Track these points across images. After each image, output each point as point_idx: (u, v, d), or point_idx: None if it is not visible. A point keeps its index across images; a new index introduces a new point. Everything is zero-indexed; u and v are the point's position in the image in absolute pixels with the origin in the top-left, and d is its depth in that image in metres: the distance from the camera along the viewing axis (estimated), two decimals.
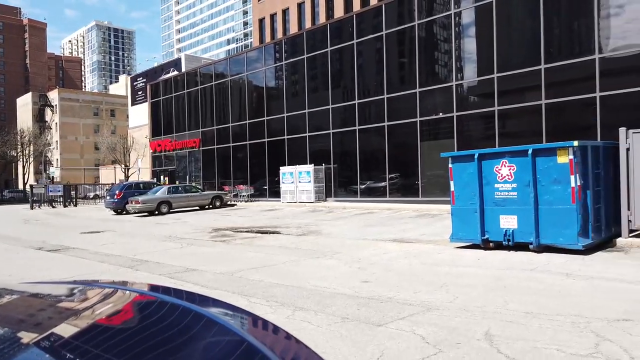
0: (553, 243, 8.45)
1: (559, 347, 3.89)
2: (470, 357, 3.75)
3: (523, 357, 3.70)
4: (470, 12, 19.74)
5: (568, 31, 17.57)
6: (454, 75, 20.08)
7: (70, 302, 1.10)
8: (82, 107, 77.50)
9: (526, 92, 17.98)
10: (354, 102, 23.58)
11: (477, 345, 3.99)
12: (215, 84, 32.25)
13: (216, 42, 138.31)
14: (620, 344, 3.94)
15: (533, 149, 8.62)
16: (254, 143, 28.99)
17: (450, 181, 9.81)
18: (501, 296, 5.61)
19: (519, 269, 7.25)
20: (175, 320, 0.94)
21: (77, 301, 1.11)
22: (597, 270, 6.93)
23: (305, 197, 24.04)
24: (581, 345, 3.93)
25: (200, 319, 0.95)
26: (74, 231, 16.31)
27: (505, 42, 18.75)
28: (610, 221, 9.36)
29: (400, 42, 22.23)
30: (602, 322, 4.52)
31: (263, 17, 41.97)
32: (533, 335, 4.20)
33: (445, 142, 19.65)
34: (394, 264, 8.01)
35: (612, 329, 4.31)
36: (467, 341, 4.10)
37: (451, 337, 4.22)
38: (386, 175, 22.23)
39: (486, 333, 4.30)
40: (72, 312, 1.01)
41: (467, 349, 3.91)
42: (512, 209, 8.91)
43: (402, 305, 5.36)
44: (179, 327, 0.90)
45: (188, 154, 34.47)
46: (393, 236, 11.66)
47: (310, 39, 26.15)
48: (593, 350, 3.81)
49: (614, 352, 3.77)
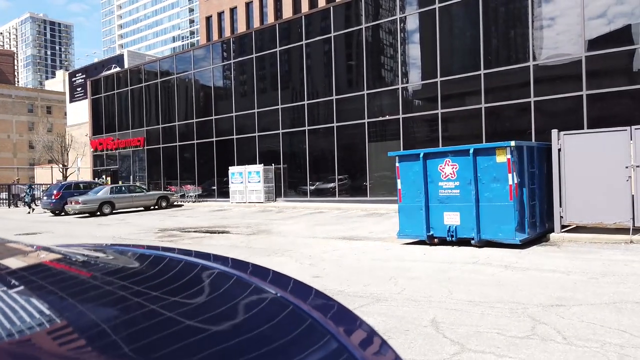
0: (493, 238, 8.91)
1: (499, 331, 4.16)
2: (418, 342, 3.93)
3: (466, 341, 3.93)
4: (414, 18, 20.40)
5: (505, 40, 18.55)
6: (400, 78, 20.67)
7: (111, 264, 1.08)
8: (15, 103, 73.12)
9: (467, 96, 18.80)
10: (303, 102, 23.72)
11: (424, 332, 4.19)
12: (160, 81, 31.41)
13: (161, 39, 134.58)
14: (554, 326, 4.26)
15: (474, 148, 9.07)
16: (202, 142, 28.50)
17: (397, 180, 10.12)
18: (446, 287, 5.89)
19: (462, 262, 7.61)
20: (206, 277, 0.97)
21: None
22: (532, 262, 7.40)
23: (255, 197, 23.92)
24: (519, 329, 4.21)
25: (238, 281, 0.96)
26: (6, 233, 15.40)
27: (448, 48, 19.52)
28: (544, 217, 9.99)
29: (348, 45, 22.61)
30: (537, 308, 4.85)
31: (210, 15, 41.35)
32: (476, 321, 4.45)
33: (392, 143, 20.19)
34: (344, 260, 8.17)
35: (546, 314, 4.64)
36: (415, 328, 4.29)
37: (400, 324, 4.40)
38: (335, 176, 22.52)
39: (432, 320, 4.51)
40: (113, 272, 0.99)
41: (415, 335, 4.10)
42: (455, 206, 9.32)
43: (352, 297, 5.51)
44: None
45: (132, 153, 33.37)
46: (343, 234, 11.86)
47: (258, 38, 26.06)
48: (530, 333, 4.10)
49: (548, 333, 4.07)
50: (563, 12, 16.82)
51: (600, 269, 6.72)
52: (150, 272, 1.04)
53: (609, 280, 5.99)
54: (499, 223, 8.84)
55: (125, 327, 0.70)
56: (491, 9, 18.34)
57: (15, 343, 0.59)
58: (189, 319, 0.75)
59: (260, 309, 0.88)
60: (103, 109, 36.28)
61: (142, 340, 0.65)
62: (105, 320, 0.70)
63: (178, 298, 0.86)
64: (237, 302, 0.89)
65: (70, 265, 1.05)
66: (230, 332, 0.74)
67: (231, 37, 28.91)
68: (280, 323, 0.83)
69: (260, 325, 0.80)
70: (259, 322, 0.82)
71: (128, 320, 0.72)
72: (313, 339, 0.78)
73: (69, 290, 0.83)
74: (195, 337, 0.69)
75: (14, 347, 0.57)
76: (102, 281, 0.91)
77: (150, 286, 0.92)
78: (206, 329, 0.73)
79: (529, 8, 17.26)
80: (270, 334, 0.78)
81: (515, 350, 3.71)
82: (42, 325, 0.67)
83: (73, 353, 0.60)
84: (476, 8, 18.36)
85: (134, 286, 0.89)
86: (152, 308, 0.79)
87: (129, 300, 0.81)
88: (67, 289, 0.83)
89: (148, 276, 0.99)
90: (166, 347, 0.63)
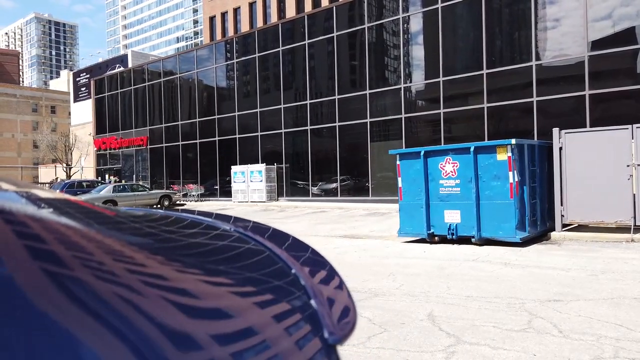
0: (493, 236, 8.90)
1: (495, 324, 4.16)
2: (414, 334, 3.94)
3: (462, 334, 3.93)
4: (417, 17, 20.39)
5: (508, 39, 18.51)
6: (402, 78, 20.66)
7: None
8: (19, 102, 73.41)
9: (470, 96, 18.77)
10: (305, 102, 23.74)
11: (420, 325, 4.19)
12: (163, 80, 31.50)
13: (165, 39, 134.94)
14: (550, 320, 4.26)
15: (475, 146, 9.06)
16: (205, 142, 28.55)
17: (398, 178, 10.12)
18: (444, 283, 5.89)
19: (461, 259, 7.61)
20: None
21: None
22: (532, 260, 7.39)
23: (257, 196, 23.94)
24: (516, 322, 4.21)
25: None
26: None
27: (450, 48, 19.50)
28: (545, 216, 9.97)
29: (351, 44, 22.62)
30: (535, 303, 4.85)
31: (214, 15, 41.44)
32: (472, 315, 4.45)
33: (394, 143, 20.17)
34: (344, 257, 8.18)
35: (543, 308, 4.64)
36: (411, 321, 4.30)
37: (396, 318, 4.41)
38: (337, 176, 22.52)
39: (429, 314, 4.52)
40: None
41: (411, 328, 4.10)
42: (455, 204, 9.31)
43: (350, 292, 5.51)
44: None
45: (135, 153, 33.46)
46: (344, 232, 11.87)
47: (261, 38, 26.10)
48: (526, 326, 4.10)
49: (544, 327, 4.07)
50: (567, 13, 16.78)
51: (600, 266, 6.71)
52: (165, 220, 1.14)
53: (608, 277, 5.98)
54: (499, 221, 8.83)
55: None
56: (494, 9, 18.31)
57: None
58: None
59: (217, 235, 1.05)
60: (107, 109, 36.41)
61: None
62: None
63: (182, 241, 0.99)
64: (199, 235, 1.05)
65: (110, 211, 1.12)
66: (196, 251, 0.90)
67: (234, 37, 28.97)
68: (230, 244, 0.98)
69: (221, 248, 0.97)
70: (218, 249, 0.97)
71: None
72: (260, 259, 0.90)
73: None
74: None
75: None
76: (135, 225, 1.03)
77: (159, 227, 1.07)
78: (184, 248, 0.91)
79: (532, 8, 17.23)
80: (222, 250, 0.95)
81: (510, 342, 3.71)
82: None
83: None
84: (479, 8, 18.33)
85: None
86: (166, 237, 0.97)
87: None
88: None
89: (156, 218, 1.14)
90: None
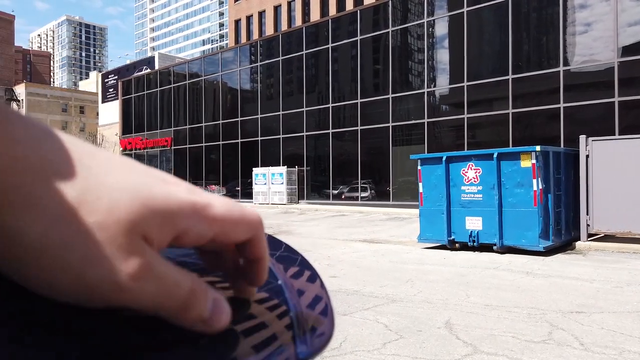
0: (516, 244, 8.73)
1: (514, 335, 4.07)
2: (430, 342, 3.89)
3: (480, 343, 3.86)
4: (442, 21, 20.22)
5: (535, 45, 18.20)
6: (426, 82, 20.51)
7: None
8: (50, 102, 75.50)
9: (494, 101, 18.51)
10: (328, 105, 23.77)
11: (437, 333, 4.13)
12: (189, 83, 31.97)
13: (191, 42, 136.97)
14: (572, 332, 4.15)
15: (498, 152, 8.92)
16: (227, 144, 28.85)
17: (419, 183, 10.03)
18: (463, 290, 5.80)
19: (482, 267, 7.48)
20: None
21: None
22: (555, 270, 7.22)
23: (278, 198, 24.05)
24: (536, 333, 4.12)
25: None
26: None
27: (476, 52, 19.28)
28: (570, 225, 9.74)
29: (374, 48, 22.57)
30: (556, 314, 4.73)
31: (239, 18, 41.90)
32: (491, 325, 4.37)
33: (416, 147, 20.02)
34: (362, 262, 8.14)
35: (565, 320, 4.52)
36: (428, 329, 4.24)
37: (413, 325, 4.36)
38: (358, 180, 22.46)
39: (446, 322, 4.45)
40: None
41: (427, 336, 4.05)
42: (477, 211, 9.17)
43: (367, 297, 5.48)
44: None
45: (159, 153, 34.02)
46: (363, 237, 11.82)
47: (285, 41, 26.26)
48: (546, 338, 4.01)
49: (565, 339, 3.97)
50: (597, 18, 16.40)
51: (626, 278, 6.51)
52: None
53: (633, 290, 5.80)
54: (522, 229, 8.66)
55: None
56: (520, 13, 18.03)
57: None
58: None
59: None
60: (133, 109, 37.13)
61: None
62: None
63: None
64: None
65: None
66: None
67: (259, 40, 29.23)
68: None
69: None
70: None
71: None
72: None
73: None
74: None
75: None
76: None
77: None
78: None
79: (560, 13, 16.91)
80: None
81: (529, 353, 3.63)
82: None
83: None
84: (505, 12, 18.08)
85: None
86: None
87: None
88: None
89: None
90: None
